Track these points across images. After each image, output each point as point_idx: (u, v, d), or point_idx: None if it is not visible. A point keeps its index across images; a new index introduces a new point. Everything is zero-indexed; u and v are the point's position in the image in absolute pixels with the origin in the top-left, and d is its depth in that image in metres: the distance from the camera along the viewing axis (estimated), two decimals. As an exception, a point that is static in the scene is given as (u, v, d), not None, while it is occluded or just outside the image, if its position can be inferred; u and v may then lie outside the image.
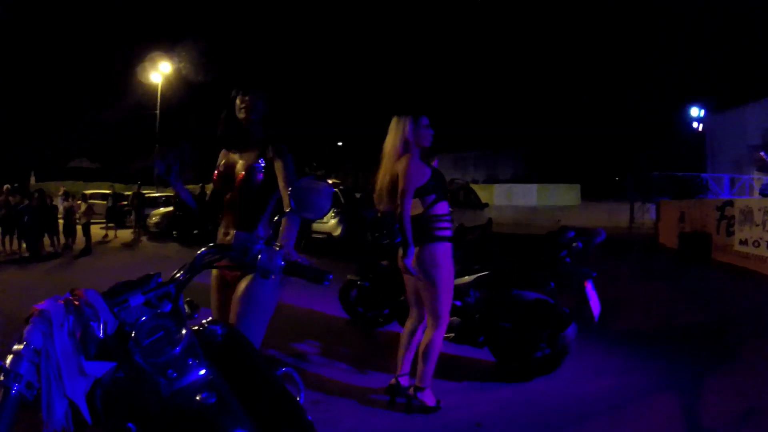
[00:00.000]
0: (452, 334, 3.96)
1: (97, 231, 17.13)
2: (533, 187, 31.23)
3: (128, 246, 15.15)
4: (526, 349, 3.73)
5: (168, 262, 11.61)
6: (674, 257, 10.81)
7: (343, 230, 12.47)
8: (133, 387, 1.17)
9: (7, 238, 12.73)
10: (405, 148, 3.30)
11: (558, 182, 31.42)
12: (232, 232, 2.61)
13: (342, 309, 5.29)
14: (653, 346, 4.68)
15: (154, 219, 17.17)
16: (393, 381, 3.44)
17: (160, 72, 23.25)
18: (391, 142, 3.35)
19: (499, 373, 3.88)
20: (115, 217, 18.68)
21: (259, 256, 1.44)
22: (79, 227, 14.35)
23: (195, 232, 14.68)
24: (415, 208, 3.25)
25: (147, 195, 20.63)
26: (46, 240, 13.29)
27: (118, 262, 11.90)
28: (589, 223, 18.56)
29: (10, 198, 13.03)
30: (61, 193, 16.19)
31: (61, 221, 13.98)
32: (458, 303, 3.88)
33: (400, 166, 3.24)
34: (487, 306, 3.88)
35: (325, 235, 12.25)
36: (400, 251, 3.24)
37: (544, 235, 4.38)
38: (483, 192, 29.08)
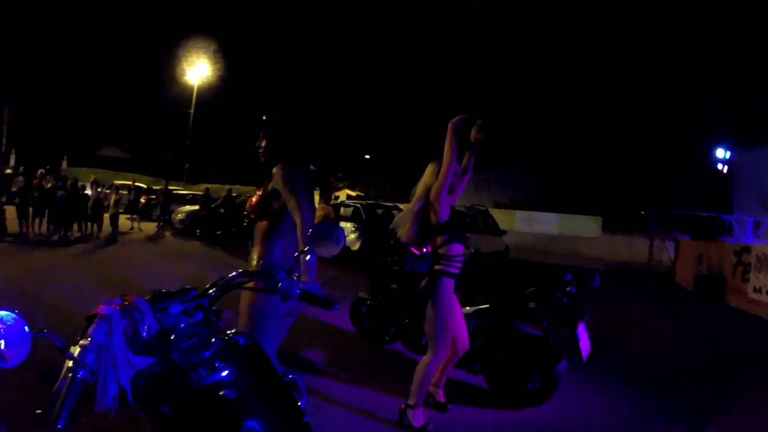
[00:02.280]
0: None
1: (123, 221, 17.68)
2: (555, 216, 31.16)
3: (152, 239, 15.54)
4: (519, 380, 3.91)
5: (189, 259, 11.96)
6: (688, 297, 10.80)
7: (361, 245, 12.72)
8: (169, 379, 1.44)
9: (37, 221, 13.13)
10: (436, 194, 3.40)
11: (580, 210, 31.23)
12: (255, 256, 2.84)
13: (351, 324, 5.49)
14: (650, 384, 4.80)
15: (179, 216, 17.58)
16: (402, 407, 3.53)
17: (197, 73, 23.88)
18: (423, 184, 3.52)
19: (492, 400, 4.05)
20: (136, 209, 19.09)
21: (280, 284, 1.73)
22: (106, 216, 14.84)
23: (218, 232, 15.03)
24: (436, 241, 3.44)
25: (174, 191, 21.16)
26: (75, 226, 13.86)
27: (142, 254, 12.27)
28: (608, 256, 18.55)
29: (44, 182, 13.54)
30: (92, 180, 16.70)
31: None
32: None
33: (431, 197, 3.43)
34: (484, 336, 4.05)
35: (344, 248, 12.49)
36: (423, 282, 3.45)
37: (544, 275, 4.56)
38: (504, 216, 28.99)
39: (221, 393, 1.45)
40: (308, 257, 2.22)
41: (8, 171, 18.83)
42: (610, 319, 7.69)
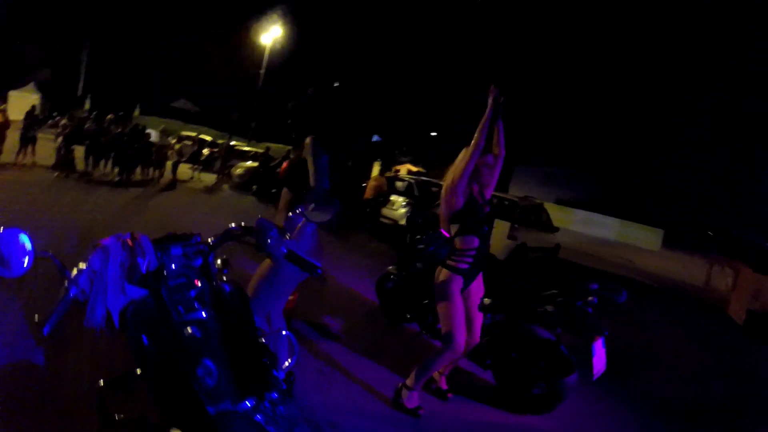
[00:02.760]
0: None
1: (185, 171, 18.40)
2: (615, 221, 29.97)
3: (209, 190, 16.07)
4: (525, 384, 3.77)
5: (239, 212, 12.31)
6: (737, 333, 10.17)
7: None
8: (154, 312, 1.60)
9: (102, 161, 13.92)
10: (453, 182, 3.33)
11: (642, 219, 29.78)
12: (281, 215, 2.95)
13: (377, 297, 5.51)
14: (662, 417, 4.50)
15: (238, 171, 18.02)
16: (399, 386, 3.53)
17: (270, 35, 24.37)
18: (452, 171, 3.40)
19: (496, 398, 3.95)
20: (198, 160, 19.80)
21: (269, 241, 1.83)
22: (168, 164, 15.47)
23: (273, 191, 15.34)
24: (451, 230, 3.37)
25: (237, 147, 21.73)
26: (138, 170, 14.53)
27: (194, 202, 12.70)
28: (663, 273, 17.73)
29: (112, 127, 14.32)
30: (160, 129, 17.37)
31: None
32: None
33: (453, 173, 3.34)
34: (499, 332, 3.94)
35: (392, 222, 12.44)
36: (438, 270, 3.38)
37: (571, 279, 4.37)
38: (562, 214, 28.14)
39: (189, 330, 1.59)
40: (306, 223, 2.33)
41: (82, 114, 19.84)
42: (642, 341, 7.32)
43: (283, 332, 2.16)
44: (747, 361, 7.74)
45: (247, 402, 1.59)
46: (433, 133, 47.63)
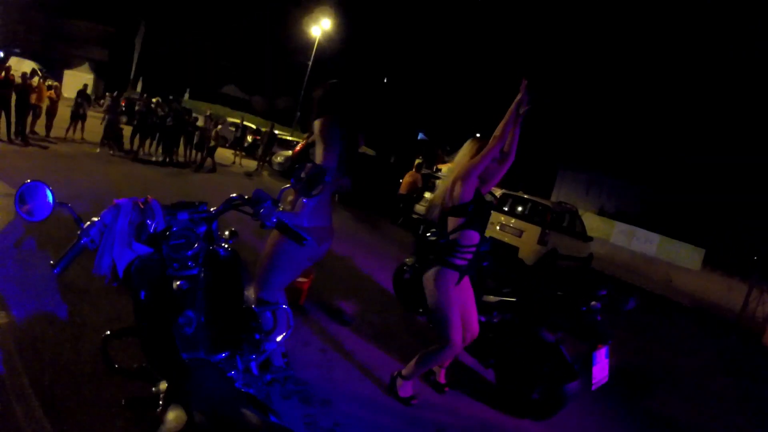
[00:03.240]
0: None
1: (227, 155, 18.87)
2: (656, 237, 29.05)
3: (248, 175, 16.44)
4: (525, 386, 3.71)
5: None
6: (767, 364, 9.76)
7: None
8: (155, 268, 1.76)
9: (148, 141, 14.47)
10: (467, 173, 3.24)
11: (685, 236, 28.73)
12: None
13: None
14: None
15: (279, 158, 18.30)
16: (394, 373, 3.56)
17: (320, 27, 24.73)
18: (461, 162, 3.32)
19: (494, 398, 3.92)
20: (241, 145, 20.26)
21: (261, 211, 2.00)
22: (210, 147, 15.89)
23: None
24: (449, 224, 3.28)
25: (279, 135, 22.05)
26: (181, 150, 15.06)
27: (232, 185, 12.97)
28: (701, 294, 17.19)
29: (158, 109, 14.94)
30: (207, 113, 17.80)
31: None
32: (482, 318, 3.91)
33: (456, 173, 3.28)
34: (502, 331, 3.90)
35: (422, 217, 12.43)
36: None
37: (578, 283, 4.30)
38: (602, 224, 27.49)
39: (178, 283, 1.74)
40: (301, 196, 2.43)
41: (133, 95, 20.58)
42: (664, 359, 7.13)
43: (283, 306, 2.26)
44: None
45: (222, 354, 1.74)
46: (478, 135, 47.20)
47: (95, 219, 1.74)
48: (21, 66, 14.54)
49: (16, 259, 4.18)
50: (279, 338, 2.20)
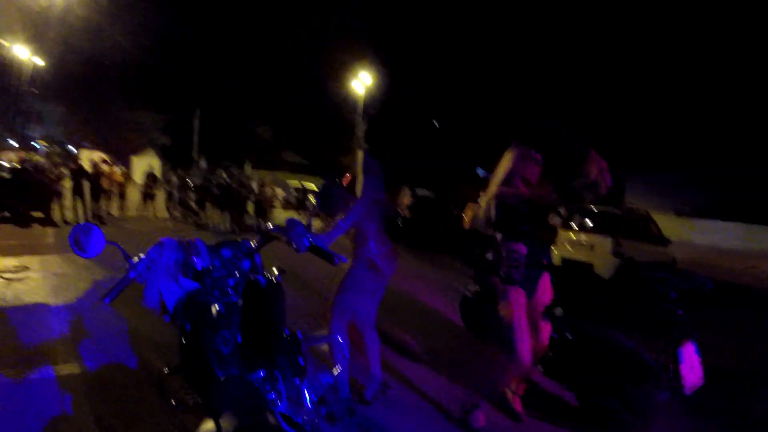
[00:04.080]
0: (541, 367, 3.69)
1: (292, 215, 19.31)
2: (739, 227, 26.77)
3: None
4: (609, 402, 3.28)
5: (336, 248, 12.57)
6: None
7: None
8: (198, 301, 1.90)
9: (214, 210, 15.15)
10: (508, 179, 3.12)
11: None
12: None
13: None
14: None
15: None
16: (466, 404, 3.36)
17: (362, 82, 25.69)
18: (499, 171, 3.20)
19: (578, 421, 3.49)
20: (303, 206, 20.91)
21: (294, 236, 2.14)
22: (273, 211, 16.48)
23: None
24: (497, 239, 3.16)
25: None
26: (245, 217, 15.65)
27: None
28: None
29: (221, 180, 15.63)
30: (266, 179, 18.40)
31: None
32: (554, 335, 3.61)
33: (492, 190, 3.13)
34: (576, 345, 3.53)
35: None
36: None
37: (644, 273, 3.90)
38: (680, 224, 25.77)
39: (217, 307, 1.89)
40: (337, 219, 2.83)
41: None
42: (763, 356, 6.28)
43: (338, 338, 2.71)
44: None
45: (258, 373, 1.88)
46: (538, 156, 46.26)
47: (142, 255, 1.90)
48: (91, 157, 15.83)
49: (93, 318, 4.79)
50: (335, 371, 2.54)
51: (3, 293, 5.53)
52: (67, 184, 12.47)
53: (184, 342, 1.87)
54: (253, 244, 2.16)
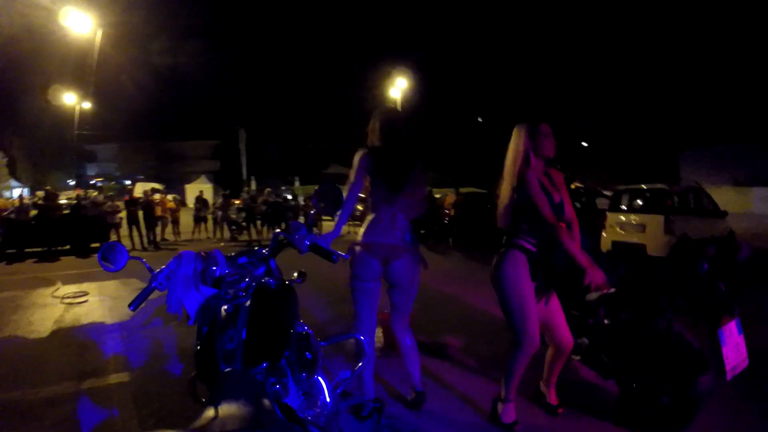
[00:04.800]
0: (578, 357, 3.49)
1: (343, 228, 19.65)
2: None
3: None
4: (651, 391, 3.02)
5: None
6: None
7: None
8: (214, 305, 2.03)
9: (264, 228, 16.07)
10: (525, 160, 2.95)
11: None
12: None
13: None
14: None
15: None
16: (495, 398, 3.22)
17: (398, 88, 25.80)
18: (511, 154, 3.04)
19: (619, 413, 3.22)
20: (354, 217, 21.13)
21: (296, 237, 2.31)
22: (321, 224, 16.81)
23: (422, 231, 15.53)
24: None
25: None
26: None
27: (341, 251, 13.28)
28: None
29: (269, 198, 16.38)
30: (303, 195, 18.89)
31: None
32: (590, 321, 3.43)
33: (524, 185, 2.91)
34: (613, 330, 3.28)
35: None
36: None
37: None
38: (737, 196, 24.24)
39: (225, 308, 2.00)
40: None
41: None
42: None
43: (358, 336, 2.55)
44: None
45: (261, 365, 1.92)
46: (584, 144, 44.94)
47: (163, 267, 2.06)
48: (144, 188, 16.85)
49: (144, 335, 5.25)
50: (356, 368, 2.46)
51: (63, 316, 6.20)
52: (122, 215, 13.28)
53: (198, 342, 1.99)
54: (265, 251, 2.27)
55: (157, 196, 14.54)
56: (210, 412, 1.44)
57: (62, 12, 16.37)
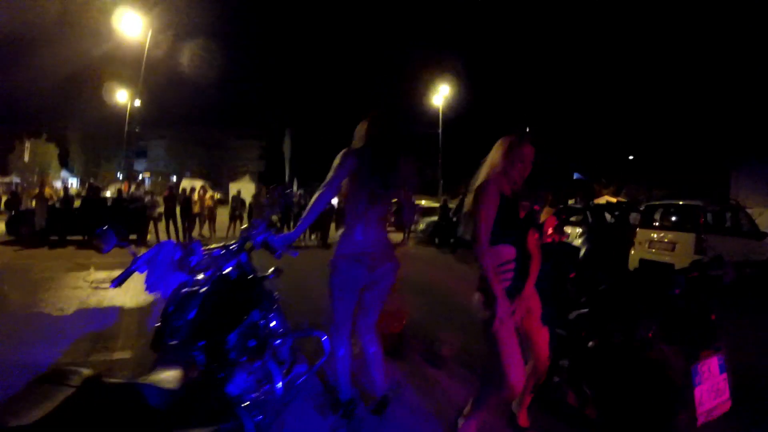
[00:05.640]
0: (555, 376, 3.30)
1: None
2: None
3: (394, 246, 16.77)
4: (627, 422, 2.76)
5: (413, 261, 12.36)
6: None
7: (586, 251, 11.49)
8: (178, 289, 2.39)
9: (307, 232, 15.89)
10: (495, 176, 2.77)
11: None
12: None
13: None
14: None
15: (421, 226, 18.61)
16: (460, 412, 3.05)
17: (440, 95, 25.79)
18: (485, 167, 2.85)
19: None
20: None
21: (254, 233, 2.63)
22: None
23: (452, 240, 15.44)
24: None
25: (425, 205, 22.56)
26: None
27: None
28: None
29: (302, 201, 16.32)
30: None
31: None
32: (572, 340, 3.22)
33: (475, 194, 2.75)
34: (592, 349, 3.03)
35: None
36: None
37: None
38: None
39: (183, 291, 2.33)
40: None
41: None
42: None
43: (320, 335, 2.79)
44: None
45: (199, 343, 2.15)
46: (631, 157, 43.73)
47: (144, 252, 2.36)
48: (192, 185, 17.34)
49: (156, 318, 5.38)
50: (312, 365, 2.73)
51: (89, 299, 6.67)
52: (161, 210, 13.81)
53: (159, 318, 2.29)
54: (234, 246, 2.58)
55: (196, 194, 14.99)
56: (152, 377, 1.76)
57: (118, 13, 17.19)
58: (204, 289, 2.30)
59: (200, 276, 2.41)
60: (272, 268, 2.81)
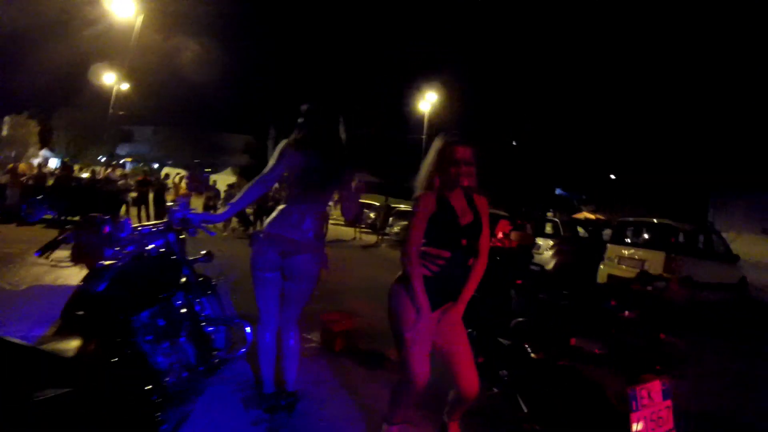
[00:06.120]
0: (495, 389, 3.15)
1: (348, 231, 19.66)
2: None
3: (365, 247, 16.87)
4: None
5: (382, 262, 12.52)
6: None
7: (555, 265, 11.53)
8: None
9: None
10: (429, 178, 2.67)
11: None
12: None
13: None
14: None
15: (396, 229, 18.61)
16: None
17: (427, 102, 26.00)
18: (424, 164, 2.75)
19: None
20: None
21: (175, 213, 2.79)
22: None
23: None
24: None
25: (396, 208, 22.62)
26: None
27: (344, 257, 12.92)
28: None
29: (276, 195, 16.29)
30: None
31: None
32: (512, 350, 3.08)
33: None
34: (533, 362, 2.90)
35: (539, 268, 10.92)
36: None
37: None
38: (765, 245, 23.40)
39: (105, 263, 2.44)
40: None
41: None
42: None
43: (237, 320, 3.04)
44: None
45: (142, 313, 2.38)
46: (612, 176, 44.22)
47: (110, 229, 2.58)
48: (168, 173, 17.14)
49: None
50: (230, 351, 2.95)
51: (44, 276, 6.59)
52: (133, 195, 13.63)
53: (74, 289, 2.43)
54: (161, 226, 2.79)
55: (170, 181, 14.86)
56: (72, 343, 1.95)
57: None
58: (120, 264, 2.40)
59: (121, 250, 2.56)
60: (203, 252, 3.04)
